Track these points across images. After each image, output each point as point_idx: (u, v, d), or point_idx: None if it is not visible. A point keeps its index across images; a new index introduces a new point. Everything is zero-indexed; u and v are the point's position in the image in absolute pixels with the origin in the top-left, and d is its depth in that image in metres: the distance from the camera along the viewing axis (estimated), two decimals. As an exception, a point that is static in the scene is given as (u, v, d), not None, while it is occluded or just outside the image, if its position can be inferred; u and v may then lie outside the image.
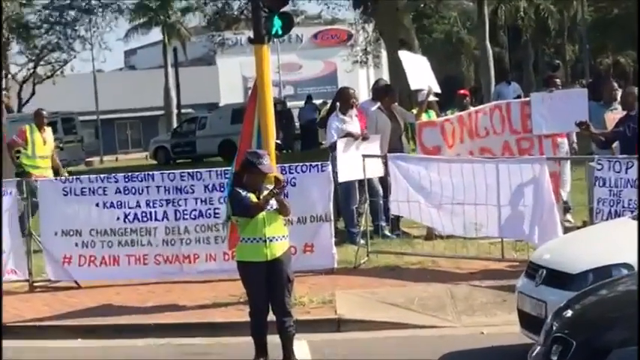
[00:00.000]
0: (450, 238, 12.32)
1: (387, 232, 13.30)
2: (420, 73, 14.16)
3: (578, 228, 11.60)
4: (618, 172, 10.71)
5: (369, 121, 13.59)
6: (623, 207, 10.56)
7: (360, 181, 12.87)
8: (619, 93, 13.77)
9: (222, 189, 11.04)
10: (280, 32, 10.18)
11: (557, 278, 7.80)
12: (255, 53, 10.18)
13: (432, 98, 14.08)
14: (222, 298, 10.66)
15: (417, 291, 10.58)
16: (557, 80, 14.86)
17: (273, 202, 8.14)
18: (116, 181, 11.65)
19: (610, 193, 10.72)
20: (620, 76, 69.30)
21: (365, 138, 12.88)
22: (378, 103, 14.04)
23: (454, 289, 10.62)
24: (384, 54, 38.39)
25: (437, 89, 14.09)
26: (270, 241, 8.13)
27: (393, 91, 15.04)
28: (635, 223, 8.64)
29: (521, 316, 8.14)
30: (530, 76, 57.54)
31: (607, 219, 10.53)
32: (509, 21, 55.34)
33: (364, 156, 12.45)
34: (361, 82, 55.99)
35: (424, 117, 13.86)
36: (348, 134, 12.94)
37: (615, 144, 12.11)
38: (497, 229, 11.46)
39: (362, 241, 12.47)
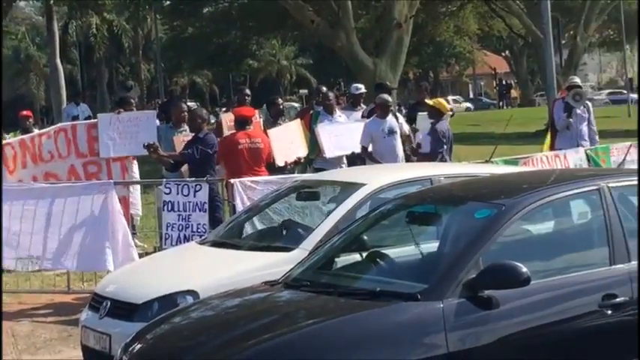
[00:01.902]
0: (12, 272, 11.49)
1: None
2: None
3: (149, 254, 11.31)
4: (186, 196, 10.59)
5: None
6: (192, 231, 10.46)
7: None
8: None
9: None
10: None
11: (121, 309, 7.52)
12: None
13: None
14: None
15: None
16: (133, 101, 14.55)
17: None
18: None
19: (179, 217, 10.56)
20: (197, 96, 71.07)
21: None
22: None
23: (16, 327, 9.90)
24: None
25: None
26: None
27: None
28: (204, 247, 8.60)
29: (86, 351, 7.74)
30: (105, 95, 57.09)
31: (176, 244, 10.35)
32: (81, 37, 54.52)
33: None
34: None
35: None
36: None
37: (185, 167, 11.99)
38: (63, 259, 10.83)
39: None
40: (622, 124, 33.42)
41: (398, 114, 13.50)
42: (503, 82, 75.49)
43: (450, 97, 76.33)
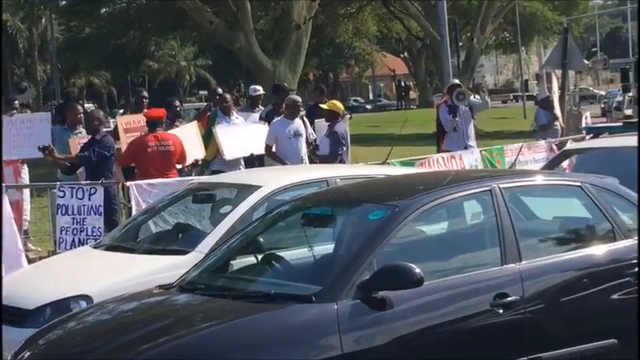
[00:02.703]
0: None
1: None
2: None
3: (43, 258, 11.10)
4: (81, 199, 10.42)
5: None
6: (87, 235, 10.30)
7: None
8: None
9: None
10: None
11: (13, 315, 7.33)
12: None
13: None
14: None
15: None
16: (16, 102, 14.27)
17: None
18: None
19: (73, 221, 10.39)
20: (95, 97, 70.10)
21: None
22: None
23: None
24: None
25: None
26: None
27: None
28: (98, 251, 8.49)
29: (-26, 359, 7.52)
30: None
31: (71, 248, 10.19)
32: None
33: None
34: None
35: None
36: None
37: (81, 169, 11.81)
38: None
39: None
40: (518, 125, 34.08)
41: (305, 119, 13.41)
42: (402, 84, 76.23)
43: (351, 99, 77.20)
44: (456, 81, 17.28)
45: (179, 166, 12.04)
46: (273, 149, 12.74)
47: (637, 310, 6.22)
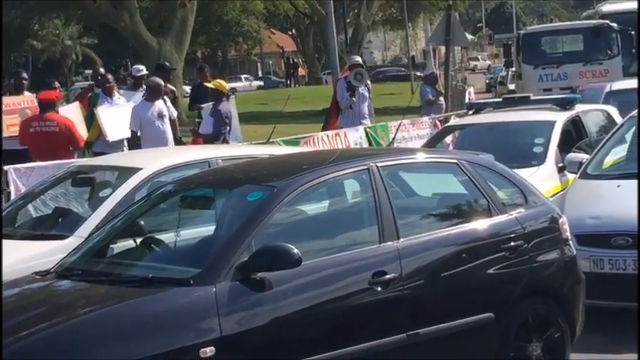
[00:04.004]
0: None
1: None
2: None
3: None
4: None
5: None
6: None
7: None
8: None
9: None
10: None
11: None
12: None
13: None
14: None
15: None
16: None
17: None
18: None
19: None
20: None
21: None
22: None
23: None
24: None
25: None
26: None
27: None
28: None
29: None
30: None
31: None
32: None
33: None
34: None
35: None
36: None
37: None
38: None
39: None
40: (406, 101, 34.36)
41: (166, 97, 13.21)
42: (291, 61, 76.26)
43: (242, 76, 76.89)
44: (358, 59, 17.18)
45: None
46: (139, 134, 12.59)
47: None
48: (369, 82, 15.66)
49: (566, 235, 7.09)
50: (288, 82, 73.34)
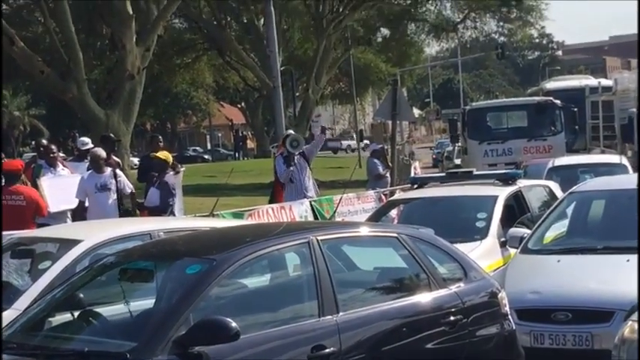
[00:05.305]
0: None
1: None
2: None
3: None
4: None
5: None
6: None
7: None
8: None
9: None
10: None
11: None
12: None
13: None
14: None
15: None
16: None
17: None
18: None
19: None
20: None
21: None
22: None
23: None
24: None
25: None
26: None
27: None
28: None
29: None
30: None
31: None
32: None
33: None
34: None
35: None
36: None
37: None
38: None
39: None
40: (353, 175, 34.49)
41: (121, 172, 13.32)
42: (240, 134, 76.46)
43: (190, 148, 76.80)
44: (290, 131, 17.46)
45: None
46: (87, 204, 12.69)
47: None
48: (306, 151, 15.59)
49: (505, 310, 7.13)
50: (237, 154, 73.41)
